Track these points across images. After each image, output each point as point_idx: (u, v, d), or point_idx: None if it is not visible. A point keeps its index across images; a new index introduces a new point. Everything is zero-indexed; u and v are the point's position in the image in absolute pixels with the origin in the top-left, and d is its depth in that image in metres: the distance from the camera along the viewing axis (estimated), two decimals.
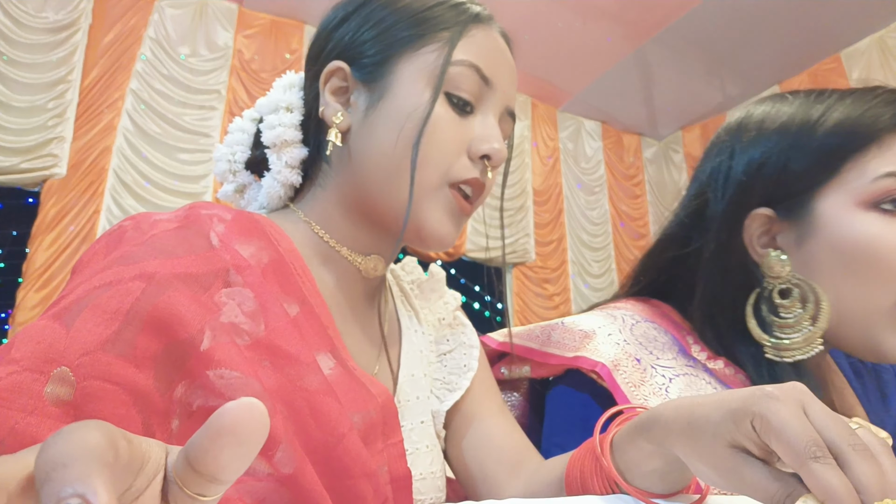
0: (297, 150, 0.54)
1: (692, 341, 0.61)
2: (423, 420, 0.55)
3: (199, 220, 0.45)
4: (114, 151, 3.58)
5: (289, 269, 0.47)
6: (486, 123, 0.52)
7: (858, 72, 4.74)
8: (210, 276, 0.42)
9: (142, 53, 3.74)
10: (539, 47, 4.65)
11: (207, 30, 3.99)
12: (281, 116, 0.54)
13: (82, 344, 0.35)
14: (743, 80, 5.25)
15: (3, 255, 3.91)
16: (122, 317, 0.37)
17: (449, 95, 0.51)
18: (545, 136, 5.38)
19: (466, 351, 0.61)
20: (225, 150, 0.59)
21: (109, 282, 0.39)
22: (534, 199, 5.16)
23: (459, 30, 0.51)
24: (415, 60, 0.50)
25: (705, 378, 0.57)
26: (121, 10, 3.73)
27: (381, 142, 0.50)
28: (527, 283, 5.02)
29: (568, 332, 0.62)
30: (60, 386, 0.34)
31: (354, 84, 0.53)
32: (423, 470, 0.52)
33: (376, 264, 0.55)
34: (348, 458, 0.42)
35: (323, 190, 0.55)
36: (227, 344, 0.39)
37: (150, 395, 0.37)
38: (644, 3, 4.22)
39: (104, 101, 3.59)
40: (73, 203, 3.42)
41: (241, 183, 0.59)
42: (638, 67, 4.99)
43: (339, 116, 0.52)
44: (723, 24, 4.44)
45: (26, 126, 3.33)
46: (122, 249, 0.42)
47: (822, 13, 4.36)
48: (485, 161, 0.52)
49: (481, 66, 0.52)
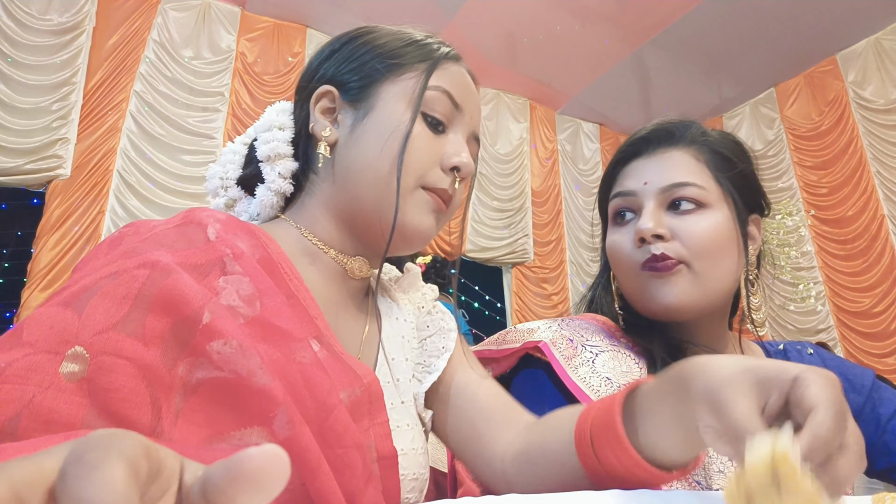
0: (290, 163, 0.61)
1: (619, 334, 0.73)
2: (403, 401, 0.59)
3: (195, 220, 0.50)
4: (118, 153, 3.62)
5: (277, 267, 0.51)
6: (456, 141, 0.60)
7: (854, 74, 4.78)
8: (209, 265, 0.46)
9: (145, 56, 3.78)
10: (537, 50, 4.69)
11: (210, 33, 4.03)
12: (274, 134, 0.61)
13: (94, 325, 0.38)
14: (739, 82, 5.29)
15: (8, 256, 3.93)
16: (132, 301, 0.40)
17: (425, 115, 0.58)
18: (544, 138, 5.43)
19: (444, 334, 0.66)
20: (218, 168, 0.65)
21: (115, 272, 0.42)
22: (532, 200, 5.21)
23: (434, 62, 0.60)
24: (396, 84, 0.58)
25: (627, 353, 0.69)
26: (125, 13, 3.77)
27: (367, 153, 0.56)
28: (525, 282, 5.06)
29: (517, 332, 0.74)
30: (75, 363, 0.37)
31: (341, 105, 0.60)
32: (405, 446, 0.55)
33: (361, 265, 0.61)
34: (340, 428, 0.44)
35: (312, 198, 0.60)
36: (226, 318, 0.43)
37: (158, 370, 0.40)
38: (641, 7, 4.26)
39: (108, 103, 3.63)
40: (77, 204, 3.46)
41: (232, 197, 0.64)
42: (635, 70, 5.03)
43: (327, 131, 0.58)
44: (719, 26, 4.48)
45: (31, 127, 3.37)
46: (123, 247, 0.45)
47: (818, 16, 4.40)
48: (455, 173, 0.59)
49: (453, 94, 0.59)
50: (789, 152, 5.17)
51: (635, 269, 0.68)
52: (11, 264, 3.71)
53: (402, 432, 0.56)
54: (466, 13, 4.24)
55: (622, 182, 0.73)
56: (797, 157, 5.11)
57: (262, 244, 0.52)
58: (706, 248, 0.66)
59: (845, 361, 0.80)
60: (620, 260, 0.71)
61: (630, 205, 0.71)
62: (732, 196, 0.71)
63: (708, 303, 0.67)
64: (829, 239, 4.86)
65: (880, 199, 4.60)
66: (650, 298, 0.67)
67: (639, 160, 0.73)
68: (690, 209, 0.68)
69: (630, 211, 0.72)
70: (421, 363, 0.64)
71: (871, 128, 4.66)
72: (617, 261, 0.72)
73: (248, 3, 4.19)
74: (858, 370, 0.77)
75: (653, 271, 0.66)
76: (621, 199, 0.72)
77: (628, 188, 0.72)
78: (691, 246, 0.66)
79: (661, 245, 0.66)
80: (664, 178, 0.70)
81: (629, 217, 0.72)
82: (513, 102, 5.32)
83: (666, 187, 0.69)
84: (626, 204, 0.72)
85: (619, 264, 0.71)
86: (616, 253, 0.71)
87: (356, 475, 0.45)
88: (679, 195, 0.69)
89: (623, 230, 0.71)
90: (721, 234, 0.68)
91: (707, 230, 0.67)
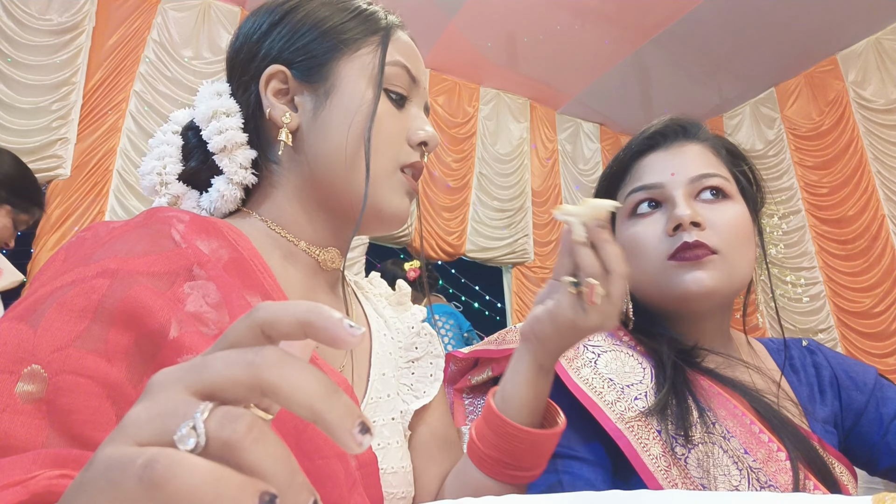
0: (248, 152, 0.56)
1: (622, 333, 0.72)
2: (393, 417, 0.58)
3: (158, 221, 0.47)
4: (118, 153, 3.61)
5: (249, 265, 0.48)
6: (418, 115, 0.60)
7: (855, 74, 4.77)
8: (172, 274, 0.43)
9: (145, 56, 3.77)
10: (538, 50, 4.69)
11: (210, 32, 4.02)
12: (224, 122, 0.56)
13: (52, 341, 0.35)
14: (740, 82, 5.28)
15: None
16: (91, 314, 0.37)
17: (387, 91, 0.57)
18: (544, 138, 5.42)
19: (433, 360, 0.65)
20: (155, 163, 0.58)
21: (72, 281, 0.39)
22: (533, 200, 5.20)
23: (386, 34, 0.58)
24: (354, 62, 0.56)
25: (629, 353, 0.69)
26: (124, 13, 3.76)
27: (334, 137, 0.54)
28: (526, 282, 5.06)
29: (517, 332, 0.72)
30: (31, 383, 0.34)
31: (296, 86, 0.56)
32: (395, 464, 0.55)
33: (333, 256, 0.59)
34: (319, 439, 0.43)
35: (276, 189, 0.57)
36: (194, 332, 0.40)
37: (123, 387, 0.37)
38: (642, 6, 4.26)
39: (108, 102, 3.62)
40: (77, 204, 3.45)
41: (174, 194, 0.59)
42: (636, 70, 5.03)
43: (287, 117, 0.55)
44: (720, 26, 4.47)
45: (31, 127, 3.36)
46: (81, 253, 0.42)
47: (818, 15, 4.39)
48: (422, 147, 0.59)
49: (410, 67, 0.58)
50: (790, 152, 5.16)
51: (661, 259, 0.67)
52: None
53: (391, 451, 0.55)
54: (466, 13, 4.24)
55: (641, 176, 0.72)
56: (797, 157, 5.11)
57: (231, 243, 0.49)
58: (736, 238, 0.67)
59: (847, 358, 0.80)
60: (645, 251, 0.68)
61: (655, 196, 0.70)
62: (746, 190, 0.72)
63: (731, 292, 0.68)
64: (830, 239, 4.86)
65: (881, 200, 4.59)
66: (678, 285, 0.65)
67: (657, 153, 0.73)
68: (718, 199, 0.69)
69: (654, 203, 0.70)
70: (408, 385, 0.63)
71: (871, 128, 4.65)
72: (640, 252, 0.69)
73: (248, 2, 4.18)
74: (860, 367, 0.77)
75: (682, 261, 0.65)
76: (645, 192, 0.71)
77: (653, 181, 0.70)
78: (724, 235, 0.66)
79: (695, 233, 0.65)
80: (691, 169, 0.69)
81: (652, 209, 0.70)
82: (513, 102, 5.32)
83: (695, 177, 0.69)
84: (651, 196, 0.70)
85: (643, 255, 0.69)
86: (639, 244, 0.69)
87: (339, 485, 0.44)
88: (707, 185, 0.69)
89: (646, 221, 0.70)
90: (746, 225, 0.69)
91: (735, 219, 0.68)
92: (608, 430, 0.60)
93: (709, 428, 0.61)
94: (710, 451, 0.59)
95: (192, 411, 0.21)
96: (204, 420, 0.20)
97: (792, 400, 0.70)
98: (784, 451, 0.60)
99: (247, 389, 0.22)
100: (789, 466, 0.59)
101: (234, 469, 0.20)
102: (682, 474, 0.58)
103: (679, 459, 0.58)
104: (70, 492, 0.22)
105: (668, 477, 0.57)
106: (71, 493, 0.21)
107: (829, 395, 0.74)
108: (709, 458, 0.59)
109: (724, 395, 0.64)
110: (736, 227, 0.67)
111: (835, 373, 0.76)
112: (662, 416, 0.61)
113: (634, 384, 0.64)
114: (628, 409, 0.61)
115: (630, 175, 0.74)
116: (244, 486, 0.19)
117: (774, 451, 0.60)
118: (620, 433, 0.59)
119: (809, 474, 0.59)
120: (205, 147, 0.58)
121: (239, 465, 0.20)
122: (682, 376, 0.65)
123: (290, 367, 0.22)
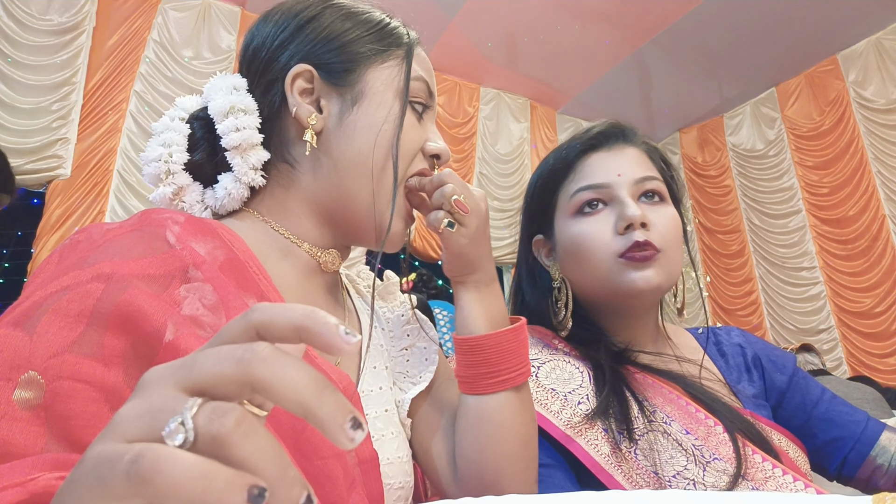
0: (262, 153, 0.55)
1: (557, 342, 0.76)
2: (387, 409, 0.58)
3: (153, 224, 0.46)
4: (118, 153, 3.62)
5: (244, 266, 0.48)
6: (434, 130, 0.61)
7: (855, 74, 4.77)
8: (168, 277, 0.42)
9: (145, 56, 3.77)
10: (538, 50, 4.69)
11: (210, 32, 4.02)
12: (241, 120, 0.54)
13: (48, 347, 0.35)
14: (740, 82, 5.29)
15: (9, 256, 3.93)
16: (87, 318, 0.37)
17: (412, 103, 0.58)
18: (544, 138, 5.42)
19: (427, 345, 0.65)
20: (161, 150, 0.55)
21: (67, 286, 0.38)
22: None
23: (410, 49, 0.59)
24: (382, 72, 0.57)
25: (566, 360, 0.72)
26: (125, 13, 3.77)
27: (360, 144, 0.54)
28: None
29: None
30: (29, 389, 0.34)
31: (323, 87, 0.55)
32: (391, 455, 0.55)
33: (334, 258, 0.59)
34: (318, 440, 0.43)
35: (284, 190, 0.57)
36: (190, 335, 0.40)
37: (121, 392, 0.37)
38: (642, 6, 4.26)
39: (108, 103, 3.62)
40: (77, 204, 3.45)
41: (179, 185, 0.56)
42: (636, 70, 5.03)
43: (313, 118, 0.54)
44: (720, 26, 4.48)
45: (31, 127, 3.36)
46: (75, 256, 0.42)
47: (818, 16, 4.39)
48: (434, 160, 0.60)
49: (429, 82, 0.60)
50: (790, 152, 5.16)
51: (612, 257, 0.70)
52: (11, 264, 3.71)
53: (386, 441, 0.55)
54: (466, 13, 4.24)
55: (587, 175, 0.75)
56: (798, 157, 5.11)
57: (227, 244, 0.49)
58: (673, 238, 0.72)
59: (769, 344, 0.86)
60: (594, 248, 0.71)
61: (602, 196, 0.73)
62: (674, 194, 0.78)
63: (669, 287, 0.73)
64: (830, 239, 4.86)
65: (881, 200, 4.60)
66: (627, 282, 0.69)
67: (599, 153, 0.76)
68: (656, 202, 0.74)
69: (601, 202, 0.73)
70: (403, 373, 0.63)
71: (871, 128, 4.66)
72: (589, 249, 0.72)
73: (248, 2, 4.18)
74: (780, 352, 0.84)
75: (632, 260, 0.69)
76: (593, 191, 0.74)
77: (600, 180, 0.74)
78: (664, 234, 0.71)
79: (642, 233, 0.69)
80: (636, 171, 0.74)
81: (597, 208, 0.73)
82: (513, 102, 5.32)
83: (638, 179, 0.73)
84: (598, 195, 0.73)
85: (592, 253, 0.72)
86: (588, 241, 0.72)
87: (338, 485, 0.43)
88: (649, 188, 0.73)
89: (593, 220, 0.73)
90: (679, 227, 0.74)
91: (672, 220, 0.73)
92: (558, 437, 0.63)
93: (649, 417, 0.65)
94: (654, 438, 0.63)
95: (181, 407, 0.21)
96: (193, 415, 0.20)
97: (721, 381, 0.76)
98: (720, 424, 0.65)
99: (237, 385, 0.22)
100: (728, 438, 0.63)
101: (225, 464, 0.20)
102: (634, 466, 0.61)
103: (629, 452, 0.62)
104: (61, 489, 0.22)
105: (622, 471, 0.61)
106: (62, 490, 0.22)
107: (755, 374, 0.80)
108: (654, 446, 0.62)
109: (658, 384, 0.69)
110: (674, 227, 0.72)
111: (758, 355, 0.82)
112: (605, 415, 0.64)
113: (575, 389, 0.68)
114: (574, 415, 0.65)
115: (574, 172, 0.77)
116: (232, 480, 0.19)
117: (712, 426, 0.64)
118: (570, 439, 0.63)
119: (747, 442, 0.63)
120: (212, 140, 0.56)
121: (228, 459, 0.20)
122: (618, 375, 0.69)
123: (280, 364, 0.22)
